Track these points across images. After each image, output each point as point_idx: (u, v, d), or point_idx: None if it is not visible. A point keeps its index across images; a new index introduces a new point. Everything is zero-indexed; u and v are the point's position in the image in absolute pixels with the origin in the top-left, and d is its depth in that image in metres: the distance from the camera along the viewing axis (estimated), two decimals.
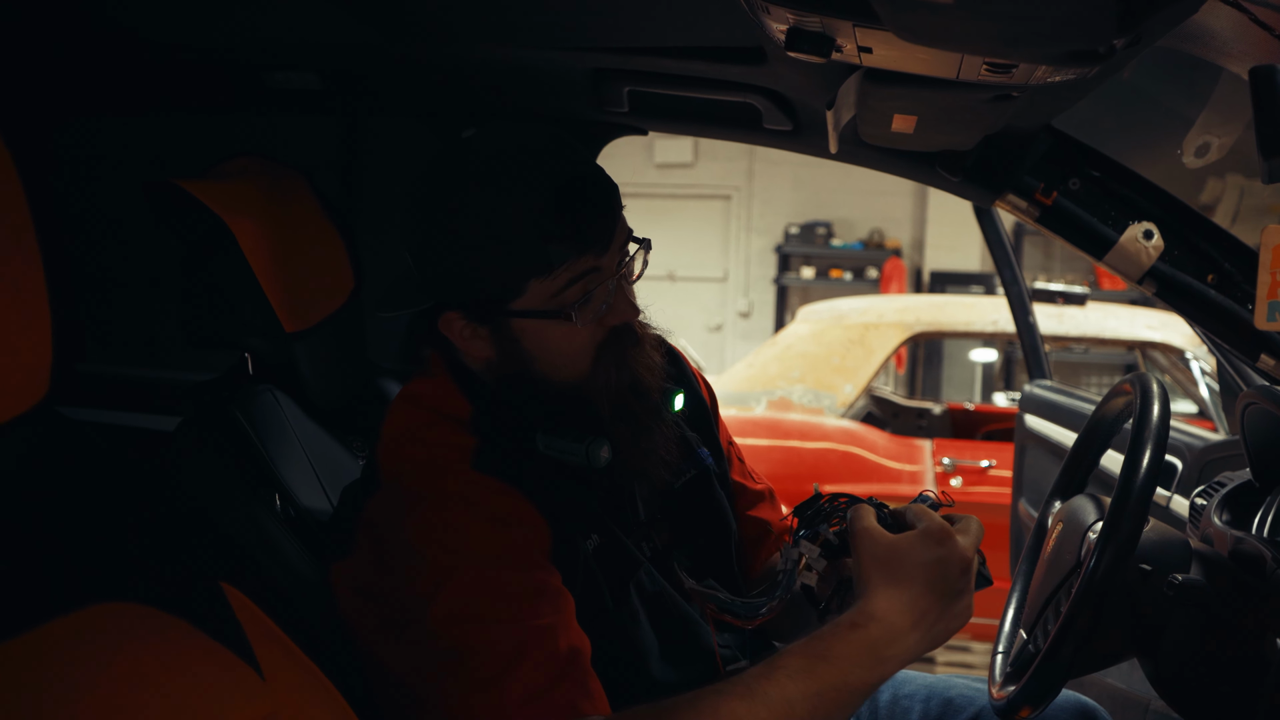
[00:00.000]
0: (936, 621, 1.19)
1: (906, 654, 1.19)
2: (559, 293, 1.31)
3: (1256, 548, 1.47)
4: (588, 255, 1.31)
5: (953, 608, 1.20)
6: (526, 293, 1.32)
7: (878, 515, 1.26)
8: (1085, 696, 1.65)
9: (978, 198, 1.96)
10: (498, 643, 1.20)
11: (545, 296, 1.31)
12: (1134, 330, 4.72)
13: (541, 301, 1.32)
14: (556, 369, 1.36)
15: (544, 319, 1.33)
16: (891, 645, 1.17)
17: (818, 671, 1.16)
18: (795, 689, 1.15)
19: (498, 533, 1.26)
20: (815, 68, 1.43)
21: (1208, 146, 1.72)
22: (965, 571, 1.21)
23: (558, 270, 1.30)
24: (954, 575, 1.19)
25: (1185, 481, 2.42)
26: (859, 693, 1.18)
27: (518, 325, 1.34)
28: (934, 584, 1.19)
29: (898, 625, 1.18)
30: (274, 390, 1.80)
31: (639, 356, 1.39)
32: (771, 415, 4.52)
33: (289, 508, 1.67)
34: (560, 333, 1.33)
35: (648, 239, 1.40)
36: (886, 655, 1.17)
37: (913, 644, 1.19)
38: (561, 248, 1.29)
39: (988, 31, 0.99)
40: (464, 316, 1.36)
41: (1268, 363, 1.77)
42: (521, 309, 1.33)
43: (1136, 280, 1.83)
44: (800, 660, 1.17)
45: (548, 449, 1.36)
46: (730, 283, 10.62)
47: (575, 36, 1.77)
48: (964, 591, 1.21)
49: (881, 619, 1.17)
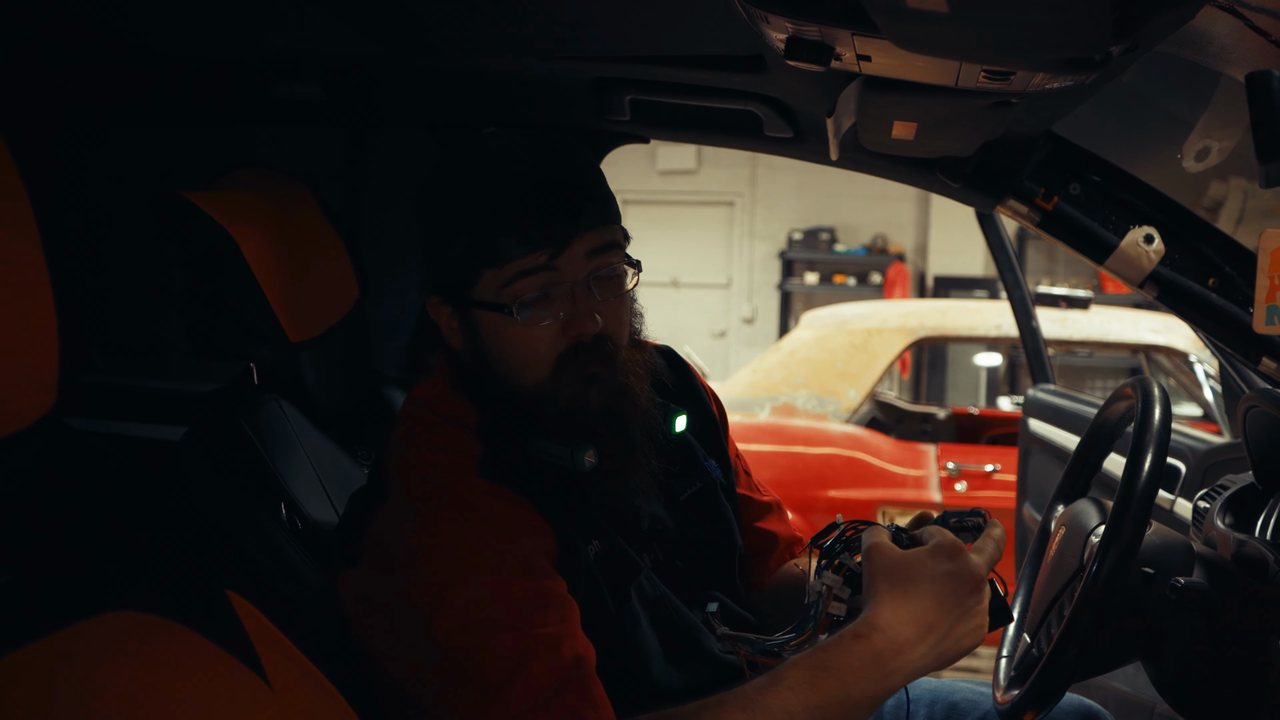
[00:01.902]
0: (944, 637, 1.19)
1: (910, 666, 1.18)
2: (507, 286, 1.33)
3: (1259, 550, 1.47)
4: (538, 254, 1.32)
5: (962, 624, 1.19)
6: (479, 282, 1.35)
7: (893, 535, 1.26)
8: (1089, 700, 1.66)
9: (979, 203, 1.97)
10: (503, 651, 1.21)
11: (495, 288, 1.34)
12: (1137, 334, 4.72)
13: (491, 293, 1.34)
14: (514, 369, 1.37)
15: (492, 311, 1.35)
16: (896, 657, 1.17)
17: (819, 683, 1.16)
18: (796, 700, 1.15)
19: (504, 541, 1.27)
20: (815, 76, 1.43)
21: (1208, 150, 1.72)
22: (976, 589, 1.20)
23: (506, 263, 1.32)
24: (964, 591, 1.19)
25: (1188, 485, 2.43)
26: (862, 705, 1.18)
27: (479, 316, 1.37)
28: (942, 598, 1.18)
29: (902, 637, 1.17)
30: (279, 400, 1.80)
31: (611, 379, 1.37)
32: (776, 421, 4.53)
33: (295, 517, 1.68)
34: (516, 331, 1.34)
35: (638, 260, 1.41)
36: (891, 668, 1.17)
37: (918, 657, 1.18)
38: (509, 241, 1.31)
39: (984, 40, 1.00)
40: (442, 301, 1.40)
41: (1269, 366, 1.77)
42: (477, 299, 1.36)
43: (1138, 284, 1.83)
44: (803, 672, 1.17)
45: (538, 451, 1.37)
46: (734, 289, 10.62)
47: (577, 46, 1.78)
48: (974, 611, 1.20)
49: (885, 630, 1.17)
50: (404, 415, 1.43)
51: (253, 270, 1.65)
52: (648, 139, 2.31)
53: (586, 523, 1.37)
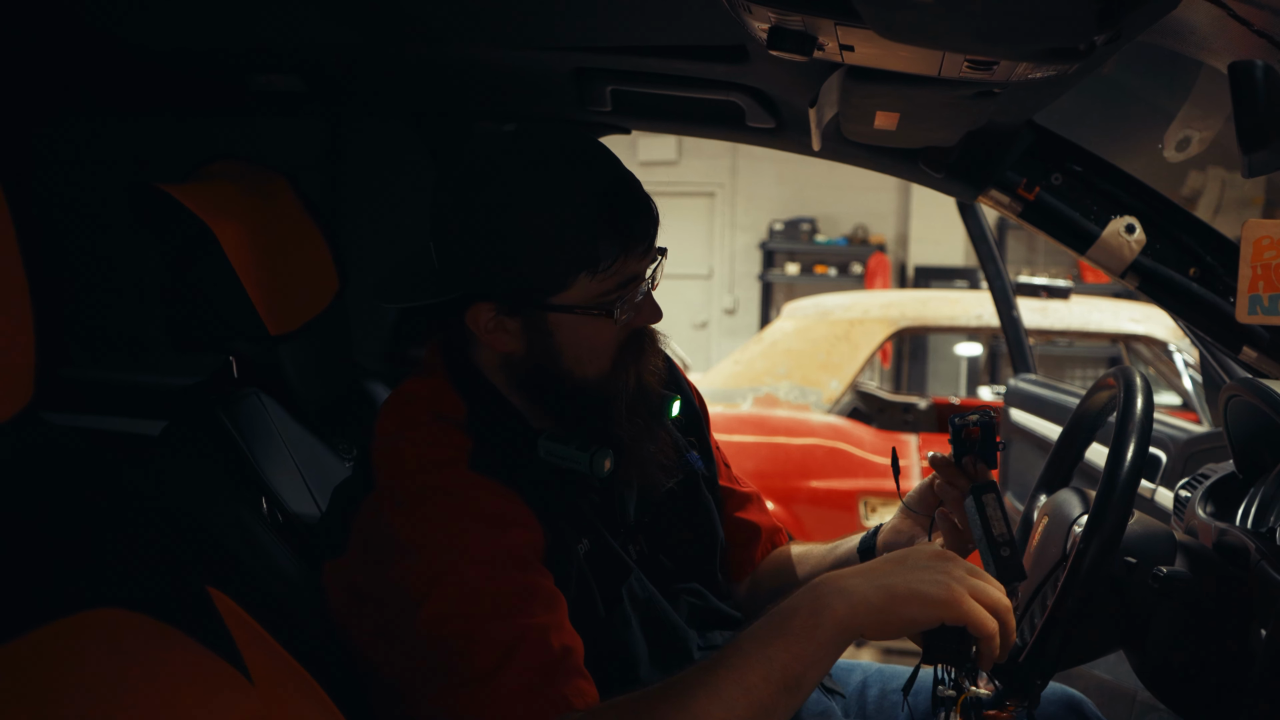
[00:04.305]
0: (889, 575, 1.13)
1: (854, 595, 1.12)
2: (606, 290, 1.34)
3: (1240, 539, 1.48)
4: (633, 256, 1.34)
5: (914, 571, 1.14)
6: (571, 287, 1.33)
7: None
8: (1072, 689, 1.66)
9: (961, 193, 1.97)
10: (490, 641, 1.20)
11: (591, 293, 1.33)
12: (1118, 323, 4.74)
13: (585, 297, 1.33)
14: (581, 365, 1.38)
15: (585, 314, 1.34)
16: (836, 593, 1.12)
17: (767, 652, 1.11)
18: (754, 670, 1.12)
19: (493, 533, 1.27)
20: (798, 66, 1.43)
21: (1188, 140, 1.73)
22: (936, 555, 1.16)
23: (605, 267, 1.32)
24: (920, 554, 1.16)
25: (1170, 474, 2.44)
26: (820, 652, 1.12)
27: (554, 319, 1.35)
28: (895, 559, 1.16)
29: (844, 579, 1.14)
30: (259, 393, 1.79)
31: (649, 361, 1.42)
32: (757, 412, 4.53)
33: (276, 511, 1.67)
34: (593, 329, 1.36)
35: (664, 247, 1.42)
36: (831, 602, 1.12)
37: (854, 586, 1.12)
38: (611, 246, 1.31)
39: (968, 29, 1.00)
40: (495, 308, 1.36)
41: (1250, 355, 1.78)
42: (563, 303, 1.34)
43: (1119, 274, 1.84)
44: (750, 643, 1.13)
45: (549, 455, 1.37)
46: (715, 280, 10.63)
47: (557, 36, 1.77)
48: (930, 568, 1.14)
49: (827, 580, 1.14)
50: (392, 408, 1.42)
51: (231, 263, 1.64)
52: (629, 130, 2.31)
53: (576, 519, 1.37)
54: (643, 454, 1.41)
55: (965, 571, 1.15)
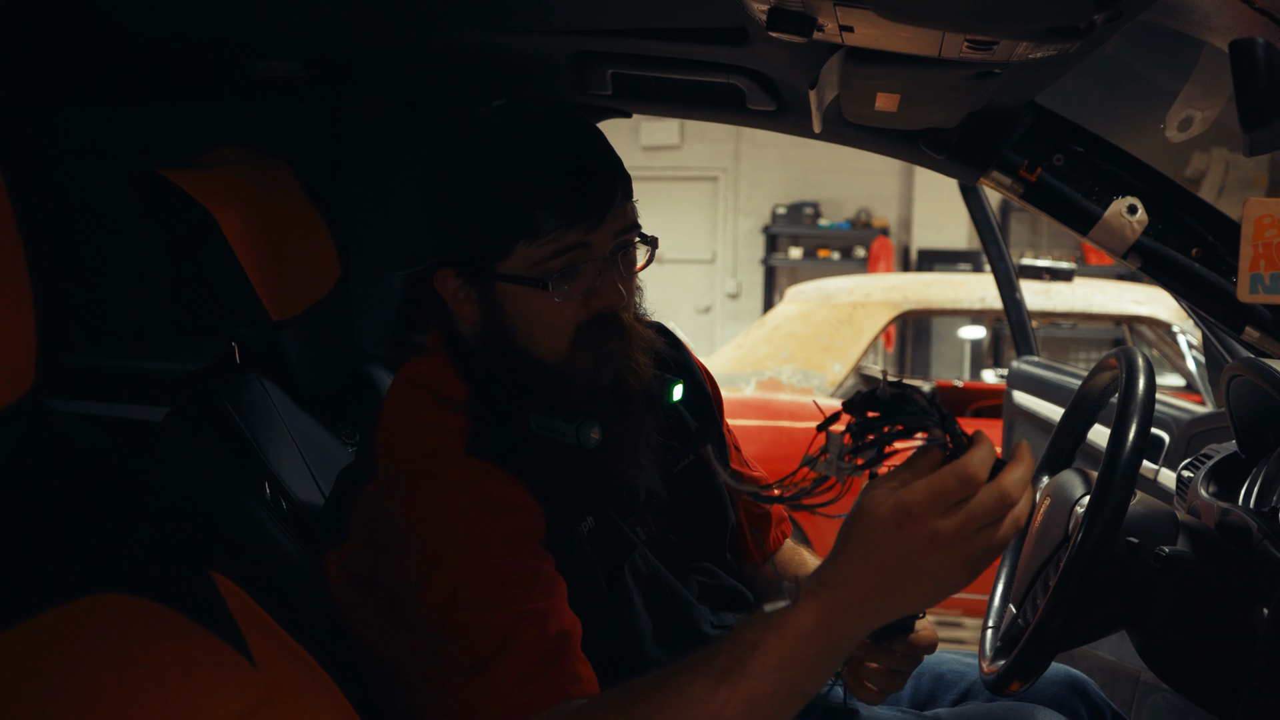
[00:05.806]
0: (899, 591, 1.05)
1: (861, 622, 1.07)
2: (542, 261, 1.33)
3: (1243, 519, 1.48)
4: (576, 229, 1.32)
5: (924, 577, 1.04)
6: (512, 255, 1.33)
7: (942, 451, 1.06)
8: (1075, 669, 1.67)
9: (963, 175, 1.96)
10: (488, 628, 1.21)
11: (529, 263, 1.33)
12: (1121, 305, 4.73)
13: (525, 267, 1.33)
14: (535, 342, 1.37)
15: (525, 285, 1.34)
16: (844, 614, 1.07)
17: (771, 643, 1.08)
18: (757, 663, 1.09)
19: (491, 518, 1.27)
20: (798, 47, 1.42)
21: (1190, 120, 1.72)
22: (928, 542, 1.03)
23: (544, 237, 1.31)
24: (914, 546, 1.04)
25: (1172, 454, 2.44)
26: (821, 665, 1.09)
27: (501, 289, 1.36)
28: (893, 562, 1.05)
29: (853, 594, 1.06)
30: (262, 379, 1.79)
31: (623, 354, 1.38)
32: (761, 396, 4.53)
33: (279, 497, 1.67)
34: (540, 304, 1.34)
35: (655, 237, 1.41)
36: (839, 628, 1.07)
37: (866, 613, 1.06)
38: (549, 215, 1.31)
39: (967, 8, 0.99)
40: (456, 274, 1.38)
41: (1252, 335, 1.77)
42: (506, 273, 1.34)
43: (1121, 255, 1.84)
44: (754, 633, 1.09)
45: (539, 428, 1.36)
46: (718, 264, 10.62)
47: (557, 19, 1.77)
48: (930, 567, 1.04)
49: (835, 587, 1.07)
50: (393, 393, 1.42)
51: (233, 248, 1.64)
52: (630, 113, 2.30)
53: (581, 499, 1.37)
54: (622, 437, 1.38)
55: (963, 534, 1.02)
